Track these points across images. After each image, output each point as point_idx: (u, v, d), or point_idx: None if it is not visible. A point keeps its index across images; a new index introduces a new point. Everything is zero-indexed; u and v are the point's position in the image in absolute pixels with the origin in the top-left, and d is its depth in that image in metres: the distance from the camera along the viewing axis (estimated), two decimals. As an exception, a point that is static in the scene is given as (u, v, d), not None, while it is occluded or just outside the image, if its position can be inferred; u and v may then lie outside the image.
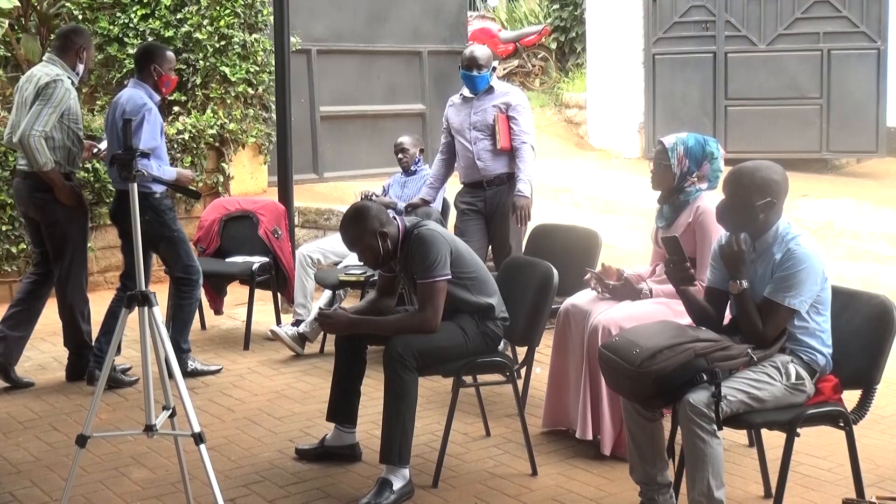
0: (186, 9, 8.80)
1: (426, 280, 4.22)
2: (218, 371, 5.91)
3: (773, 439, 3.95)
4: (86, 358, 5.67)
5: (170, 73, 5.66)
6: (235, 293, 6.87)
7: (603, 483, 4.29)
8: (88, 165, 7.77)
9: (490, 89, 6.22)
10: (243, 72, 8.97)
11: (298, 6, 8.75)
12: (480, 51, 6.26)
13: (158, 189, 5.51)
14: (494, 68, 6.33)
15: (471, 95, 6.26)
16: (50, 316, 7.44)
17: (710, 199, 4.31)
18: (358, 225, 4.30)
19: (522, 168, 6.09)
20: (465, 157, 6.25)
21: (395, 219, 4.37)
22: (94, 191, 7.86)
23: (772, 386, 3.60)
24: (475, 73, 6.15)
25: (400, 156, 6.80)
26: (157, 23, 8.75)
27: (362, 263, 4.70)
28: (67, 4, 8.31)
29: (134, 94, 5.49)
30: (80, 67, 5.62)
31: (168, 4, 8.79)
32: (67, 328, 5.72)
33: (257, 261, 6.49)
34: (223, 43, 8.87)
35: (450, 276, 4.24)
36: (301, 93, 9.77)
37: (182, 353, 5.70)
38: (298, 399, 5.48)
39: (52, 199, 5.46)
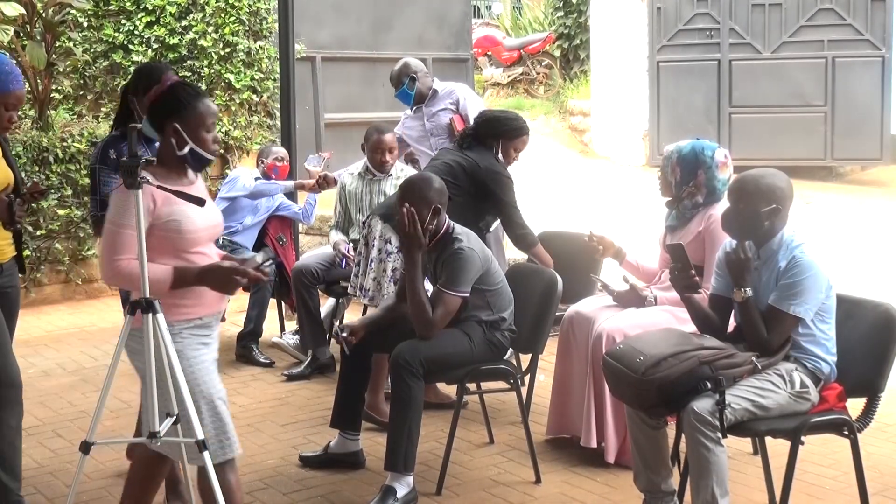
0: (191, 16, 8.82)
1: (445, 290, 4.26)
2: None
3: (778, 447, 3.94)
4: None
5: None
6: (239, 300, 6.86)
7: (607, 491, 4.28)
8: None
9: (434, 93, 6.31)
10: (248, 79, 8.98)
11: (303, 14, 8.76)
12: (396, 67, 6.42)
13: None
14: (413, 78, 6.37)
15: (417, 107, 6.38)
16: (54, 322, 7.46)
17: (723, 208, 4.26)
18: (425, 188, 4.31)
19: None
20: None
21: (447, 216, 4.40)
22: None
23: (776, 394, 3.60)
24: (396, 91, 6.33)
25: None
26: (163, 30, 8.77)
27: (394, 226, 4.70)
28: (73, 12, 8.33)
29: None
30: None
31: (173, 12, 8.80)
32: None
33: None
34: (228, 50, 8.89)
35: (467, 295, 4.30)
36: (306, 100, 9.78)
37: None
38: (302, 406, 5.47)
39: None
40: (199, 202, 3.18)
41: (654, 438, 3.84)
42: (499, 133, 5.37)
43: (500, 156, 5.36)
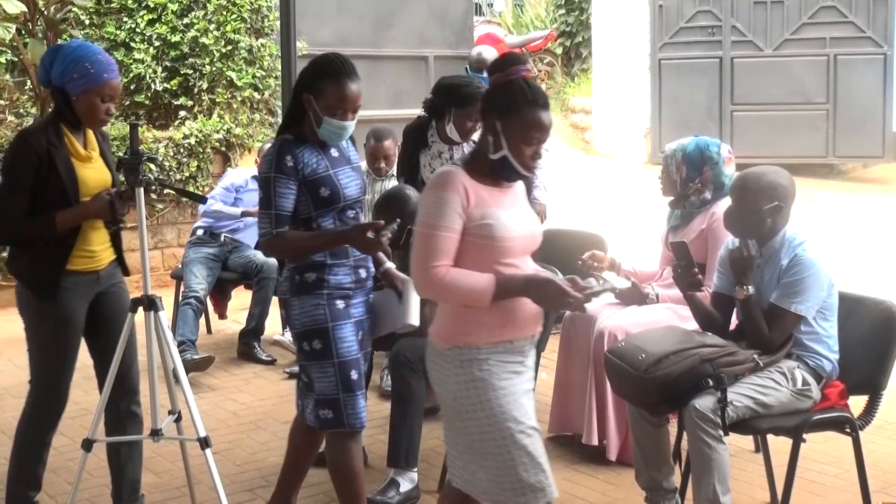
0: (193, 14, 8.82)
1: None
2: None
3: (780, 445, 3.94)
4: None
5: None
6: (240, 297, 6.87)
7: (608, 488, 4.28)
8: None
9: None
10: (250, 77, 8.98)
11: (305, 11, 8.76)
12: (489, 53, 6.26)
13: None
14: None
15: None
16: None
17: (725, 206, 4.26)
18: (402, 204, 4.28)
19: (537, 174, 6.08)
20: None
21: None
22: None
23: (778, 392, 3.60)
24: (486, 75, 6.21)
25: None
26: (164, 28, 8.78)
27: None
28: (75, 9, 8.32)
29: None
30: None
31: (175, 9, 8.81)
32: None
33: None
34: (230, 48, 8.89)
35: None
36: (307, 98, 9.75)
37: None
38: (304, 404, 5.46)
39: None
40: (201, 199, 3.14)
41: (656, 436, 3.83)
42: (450, 102, 4.99)
43: (452, 127, 5.00)
